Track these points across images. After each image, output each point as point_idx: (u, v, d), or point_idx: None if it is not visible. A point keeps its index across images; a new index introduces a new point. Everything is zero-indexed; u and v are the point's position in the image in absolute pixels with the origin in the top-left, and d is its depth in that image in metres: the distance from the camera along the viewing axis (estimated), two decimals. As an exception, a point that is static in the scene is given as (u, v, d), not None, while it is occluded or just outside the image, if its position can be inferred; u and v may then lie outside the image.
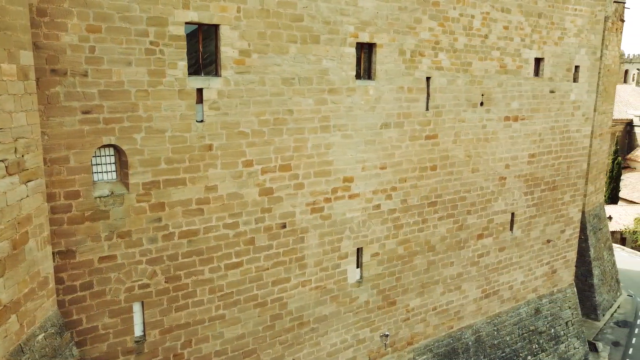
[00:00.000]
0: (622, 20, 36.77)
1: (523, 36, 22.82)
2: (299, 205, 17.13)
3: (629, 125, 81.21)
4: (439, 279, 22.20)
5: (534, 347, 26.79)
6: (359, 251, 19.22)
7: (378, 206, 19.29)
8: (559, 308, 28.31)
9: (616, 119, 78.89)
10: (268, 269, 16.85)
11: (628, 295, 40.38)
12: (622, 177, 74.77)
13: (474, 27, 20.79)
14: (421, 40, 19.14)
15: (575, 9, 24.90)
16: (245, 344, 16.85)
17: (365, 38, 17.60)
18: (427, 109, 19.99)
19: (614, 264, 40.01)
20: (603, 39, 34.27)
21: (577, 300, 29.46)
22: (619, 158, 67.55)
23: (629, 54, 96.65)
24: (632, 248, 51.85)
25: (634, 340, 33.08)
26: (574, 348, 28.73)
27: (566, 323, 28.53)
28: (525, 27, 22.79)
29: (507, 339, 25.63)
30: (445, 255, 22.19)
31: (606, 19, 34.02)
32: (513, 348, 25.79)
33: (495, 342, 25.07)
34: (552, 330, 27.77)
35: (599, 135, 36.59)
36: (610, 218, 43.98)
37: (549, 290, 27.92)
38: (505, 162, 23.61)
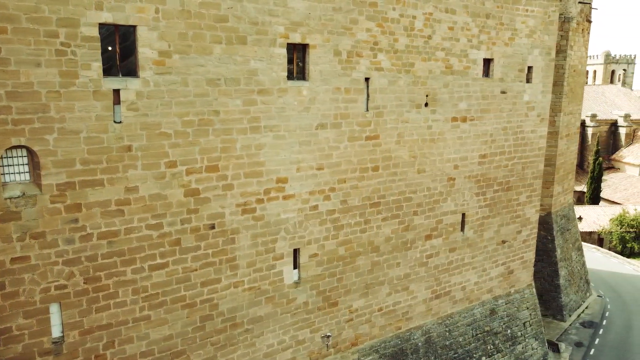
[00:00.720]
0: (589, 21, 36.78)
1: (470, 37, 22.81)
2: (229, 206, 17.11)
3: (614, 125, 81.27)
4: (384, 280, 22.17)
5: (488, 347, 26.77)
6: (296, 252, 19.19)
7: (315, 207, 19.27)
8: (516, 309, 28.29)
9: (600, 119, 79.20)
10: (196, 270, 16.82)
11: (598, 296, 40.38)
12: (605, 178, 74.98)
13: (416, 27, 20.78)
14: (358, 41, 19.13)
15: (527, 10, 24.90)
16: (173, 345, 16.82)
17: (296, 39, 17.58)
18: (366, 109, 19.97)
19: (583, 264, 40.01)
20: (567, 40, 34.33)
21: (536, 301, 29.44)
22: (600, 158, 67.61)
23: (615, 54, 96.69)
24: (608, 249, 51.87)
25: (597, 341, 33.08)
26: (532, 349, 28.71)
27: (524, 324, 28.51)
28: (472, 28, 22.79)
29: (460, 339, 25.61)
30: (390, 256, 22.16)
31: (570, 19, 34.06)
32: (466, 349, 25.77)
33: (447, 343, 25.05)
34: (509, 331, 27.76)
35: (565, 136, 36.61)
36: (580, 219, 43.93)
37: (506, 291, 27.91)
38: (454, 162, 23.60)
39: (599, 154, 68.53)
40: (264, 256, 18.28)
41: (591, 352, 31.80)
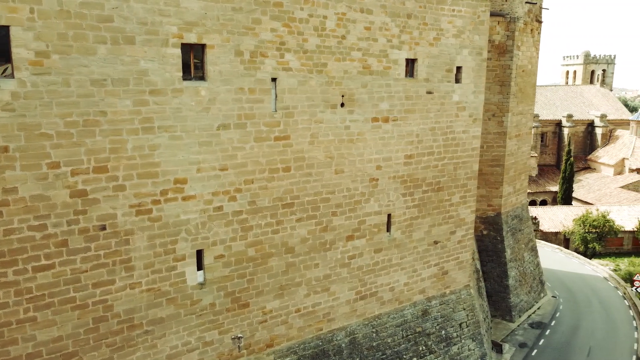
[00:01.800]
0: (539, 21, 36.74)
1: (390, 37, 22.72)
2: (121, 207, 17.00)
3: (590, 125, 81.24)
4: (301, 281, 22.08)
5: (420, 348, 26.68)
6: (200, 253, 19.09)
7: (220, 208, 19.17)
8: (451, 309, 28.21)
9: (577, 120, 79.24)
10: (87, 271, 16.71)
11: (552, 297, 40.35)
12: (580, 178, 75.00)
13: (328, 27, 20.69)
14: (262, 41, 19.03)
15: (453, 10, 24.82)
16: (64, 347, 16.71)
17: (192, 39, 17.48)
18: (274, 110, 19.88)
19: (537, 265, 39.97)
20: (514, 40, 34.30)
21: (474, 302, 29.35)
22: (572, 159, 67.56)
23: (594, 54, 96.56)
24: (575, 249, 51.73)
25: (541, 342, 33.03)
26: (469, 350, 28.62)
27: (460, 325, 28.42)
28: (391, 28, 22.70)
29: (389, 340, 25.53)
30: (307, 257, 22.07)
31: (516, 19, 34.03)
32: (395, 350, 25.69)
33: (374, 344, 24.96)
34: (443, 332, 27.67)
35: (515, 136, 36.57)
36: (534, 219, 43.82)
37: (440, 291, 27.82)
38: (376, 163, 23.51)
39: (570, 154, 68.45)
40: (163, 257, 18.17)
41: (533, 353, 31.76)
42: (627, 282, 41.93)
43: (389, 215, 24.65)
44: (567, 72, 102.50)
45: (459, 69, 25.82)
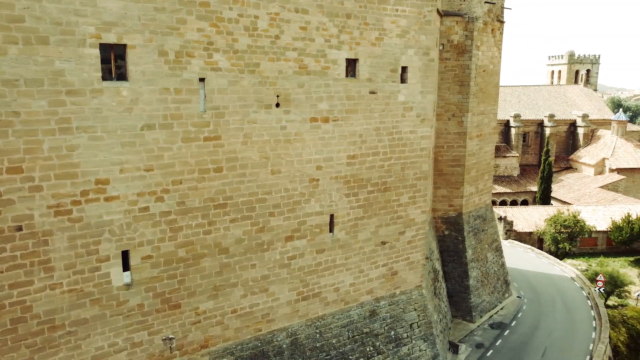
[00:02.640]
0: (500, 21, 36.66)
1: (328, 37, 22.65)
2: (38, 207, 16.92)
3: (573, 125, 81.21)
4: (237, 282, 22.01)
5: (367, 349, 26.62)
6: (126, 254, 19.01)
7: (146, 208, 19.09)
8: (401, 310, 28.15)
9: (559, 120, 79.29)
10: (2, 272, 16.63)
11: (517, 297, 40.28)
12: (562, 178, 75.04)
13: (260, 27, 20.62)
14: (188, 41, 18.96)
15: (397, 10, 24.75)
16: (-21, 348, 16.64)
17: (111, 39, 17.40)
18: (203, 110, 19.80)
19: (502, 265, 39.90)
20: (473, 40, 34.23)
21: (426, 302, 29.27)
22: (550, 158, 67.52)
23: (579, 54, 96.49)
24: (548, 250, 51.60)
25: (498, 342, 32.96)
26: (420, 350, 28.56)
27: (410, 325, 28.36)
28: (330, 28, 22.63)
29: (334, 341, 25.46)
30: (243, 257, 22.00)
31: (475, 19, 33.97)
32: (341, 351, 25.62)
33: (318, 345, 24.90)
34: (392, 333, 27.61)
35: (476, 137, 36.49)
36: (501, 219, 43.73)
37: (390, 292, 27.76)
38: (317, 163, 23.44)
39: (549, 155, 68.34)
40: (85, 258, 18.09)
41: (488, 354, 31.70)
42: (592, 283, 41.87)
43: (332, 216, 24.58)
44: (552, 72, 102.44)
45: (404, 69, 25.75)
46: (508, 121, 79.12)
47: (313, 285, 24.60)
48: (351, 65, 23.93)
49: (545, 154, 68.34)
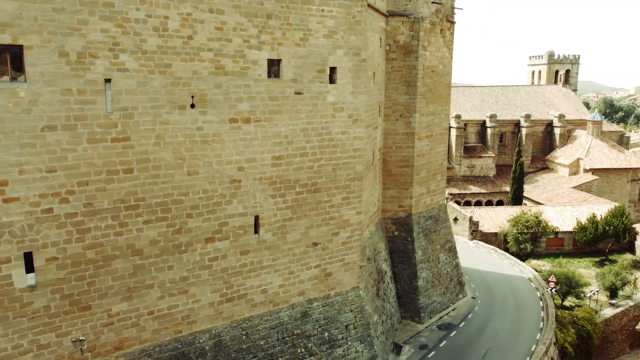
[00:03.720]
0: (450, 22, 36.57)
1: (247, 37, 22.55)
2: None
3: (549, 125, 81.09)
4: (152, 283, 21.88)
5: (299, 351, 26.51)
6: (29, 256, 18.88)
7: (49, 210, 18.96)
8: (336, 311, 28.04)
9: (535, 120, 79.30)
10: None
11: (472, 298, 40.19)
12: (537, 178, 75.03)
13: (171, 28, 20.51)
14: (91, 42, 18.84)
15: (322, 10, 24.66)
16: None
17: (6, 40, 17.29)
18: (110, 111, 19.69)
19: (456, 266, 39.82)
20: (419, 40, 34.16)
21: (364, 304, 29.14)
22: (522, 159, 67.40)
23: (559, 55, 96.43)
24: (514, 252, 51.27)
25: (443, 343, 32.88)
26: (356, 352, 28.46)
27: (346, 326, 28.26)
28: (248, 28, 22.53)
29: (261, 343, 25.36)
30: (159, 259, 21.87)
31: (421, 19, 33.90)
32: (269, 352, 25.52)
33: (244, 347, 24.80)
34: (326, 334, 27.50)
35: (426, 137, 36.42)
36: (455, 220, 43.60)
37: (323, 293, 27.65)
38: (238, 164, 23.33)
39: (520, 155, 68.18)
40: (-17, 260, 17.98)
41: (430, 355, 31.62)
42: (548, 284, 41.75)
43: (257, 217, 24.47)
44: (533, 73, 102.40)
45: (333, 69, 25.64)
46: (484, 121, 79.05)
47: (238, 286, 24.48)
48: (274, 65, 23.81)
49: (517, 154, 68.20)
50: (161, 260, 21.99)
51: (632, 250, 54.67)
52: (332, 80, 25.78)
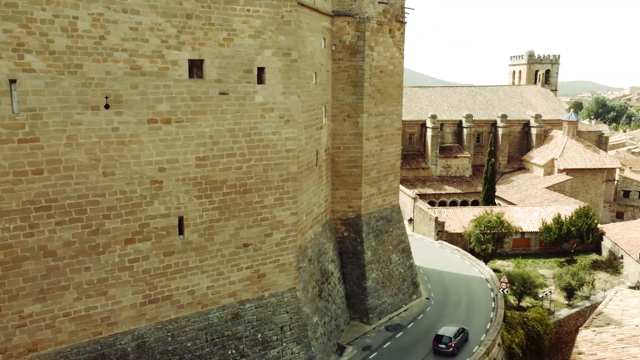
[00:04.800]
0: (400, 22, 36.46)
1: (165, 37, 22.43)
2: None
3: (526, 126, 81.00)
4: (68, 285, 21.74)
5: (229, 352, 26.39)
6: None
7: (-48, 211, 18.87)
8: (270, 313, 27.92)
9: (512, 120, 79.29)
10: None
11: (426, 298, 40.08)
12: (513, 178, 75.02)
13: (81, 28, 20.38)
14: (-7, 42, 18.73)
15: (248, 10, 24.55)
16: None
17: None
18: (16, 112, 19.55)
19: (409, 266, 39.71)
20: (365, 40, 34.06)
21: (301, 305, 29.00)
22: (493, 159, 67.24)
23: (539, 54, 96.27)
24: (478, 252, 51.07)
25: (386, 345, 32.77)
26: (292, 353, 28.33)
27: (281, 328, 28.13)
28: (166, 29, 22.41)
29: (189, 344, 25.23)
30: (74, 260, 21.73)
31: (366, 19, 33.80)
32: (197, 354, 25.39)
33: (170, 348, 24.66)
34: (259, 335, 27.38)
35: (375, 137, 36.33)
36: (410, 220, 43.45)
37: (257, 294, 27.52)
38: (158, 165, 23.20)
39: (492, 155, 68.03)
40: None
41: (371, 356, 31.50)
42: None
43: (181, 218, 24.34)
44: (514, 73, 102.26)
45: (261, 69, 25.52)
46: (460, 121, 78.93)
47: (162, 288, 24.34)
48: (196, 66, 23.69)
49: (489, 154, 68.03)
50: (77, 261, 21.85)
51: (599, 251, 54.64)
52: (261, 80, 25.66)
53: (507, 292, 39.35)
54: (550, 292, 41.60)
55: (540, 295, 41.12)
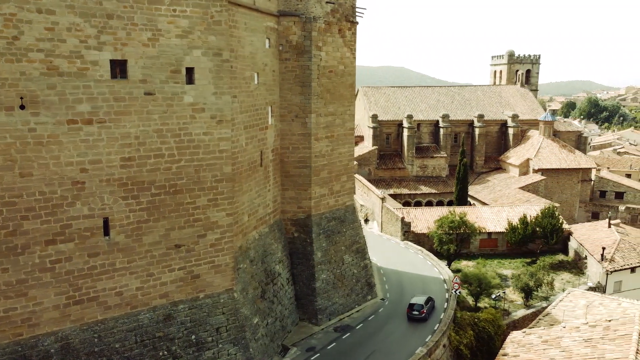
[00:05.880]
0: (350, 22, 36.34)
1: (84, 38, 22.32)
2: None
3: (504, 126, 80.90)
4: (-16, 286, 21.66)
5: (161, 354, 26.29)
6: None
7: None
8: (205, 314, 27.80)
9: (489, 120, 79.25)
10: None
11: (381, 299, 39.97)
12: (489, 179, 74.97)
13: (-9, 28, 20.27)
14: None
15: (174, 10, 24.44)
16: None
17: None
18: None
19: (364, 267, 39.61)
20: (311, 40, 33.95)
21: (238, 306, 28.86)
22: (465, 159, 67.15)
23: (519, 54, 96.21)
24: (444, 251, 50.88)
25: (331, 346, 32.66)
26: (228, 354, 28.22)
27: (217, 329, 28.02)
28: (85, 29, 22.29)
29: (117, 346, 25.12)
30: (-10, 261, 21.65)
31: (313, 19, 33.71)
32: (126, 355, 25.28)
33: (96, 350, 24.55)
34: (193, 337, 27.27)
35: (326, 138, 36.26)
36: (366, 221, 43.34)
37: (191, 295, 27.40)
38: (80, 166, 23.08)
39: (464, 155, 67.95)
40: None
41: (313, 357, 31.39)
42: (463, 285, 41.60)
43: (107, 219, 24.22)
44: (495, 72, 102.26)
45: (190, 69, 25.41)
46: (437, 121, 78.84)
47: (87, 289, 24.23)
48: (119, 66, 23.56)
49: (461, 154, 67.92)
50: (-8, 263, 21.74)
51: (566, 251, 54.53)
52: (190, 80, 25.55)
53: (459, 292, 39.22)
54: (504, 293, 41.50)
55: (493, 296, 41.02)
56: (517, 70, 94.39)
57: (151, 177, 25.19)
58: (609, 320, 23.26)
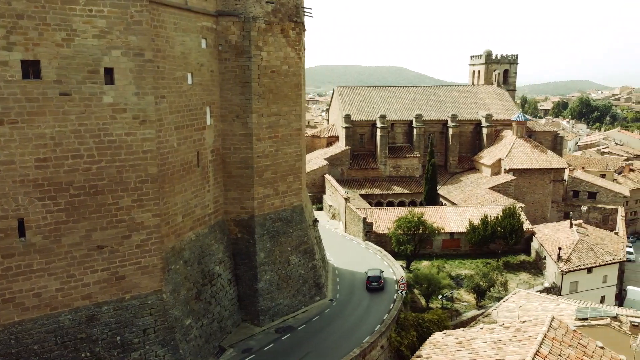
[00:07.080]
0: (294, 22, 36.21)
1: (-9, 38, 22.19)
2: None
3: (478, 125, 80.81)
4: None
5: (83, 355, 26.17)
6: None
7: None
8: (132, 315, 27.68)
9: (464, 120, 79.34)
10: None
11: (330, 300, 39.87)
12: (462, 179, 74.96)
13: None
14: None
15: (90, 10, 24.33)
16: None
17: None
18: None
19: (312, 268, 39.50)
20: (250, 40, 33.84)
21: (167, 307, 28.73)
22: (434, 160, 67.08)
23: (496, 54, 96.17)
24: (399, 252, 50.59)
25: (267, 347, 32.55)
26: (156, 355, 28.11)
27: (144, 330, 27.89)
28: (-8, 29, 22.16)
29: (35, 347, 25.00)
30: None
31: (252, 19, 33.60)
32: (45, 357, 25.16)
33: (13, 352, 24.42)
34: (118, 338, 27.15)
35: (269, 138, 36.15)
36: (315, 221, 43.18)
37: (116, 297, 27.27)
38: (-16, 167, 22.94)
39: (433, 155, 67.87)
40: None
41: (248, 358, 31.27)
42: (415, 285, 41.56)
43: (22, 220, 24.10)
44: (473, 72, 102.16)
45: (109, 70, 25.29)
46: (411, 121, 78.75)
47: (2, 290, 24.11)
48: (32, 66, 23.43)
49: (429, 154, 67.87)
50: None
51: (528, 252, 54.48)
52: (110, 81, 25.42)
53: (405, 293, 39.12)
54: (451, 293, 41.36)
55: (440, 297, 40.89)
56: (495, 70, 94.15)
57: (69, 178, 25.07)
58: (523, 322, 23.14)
